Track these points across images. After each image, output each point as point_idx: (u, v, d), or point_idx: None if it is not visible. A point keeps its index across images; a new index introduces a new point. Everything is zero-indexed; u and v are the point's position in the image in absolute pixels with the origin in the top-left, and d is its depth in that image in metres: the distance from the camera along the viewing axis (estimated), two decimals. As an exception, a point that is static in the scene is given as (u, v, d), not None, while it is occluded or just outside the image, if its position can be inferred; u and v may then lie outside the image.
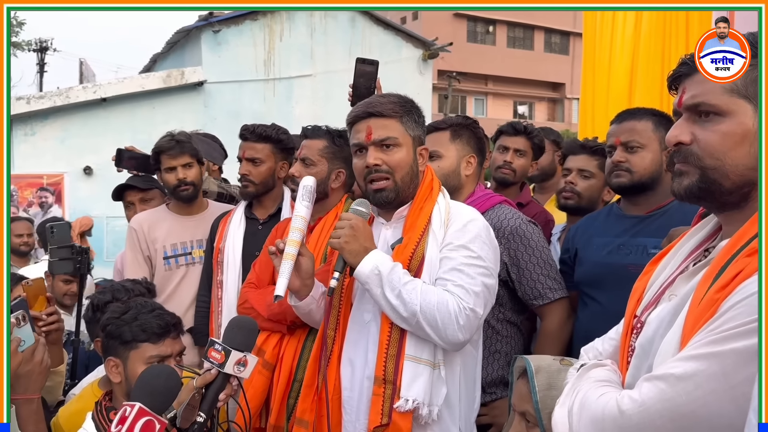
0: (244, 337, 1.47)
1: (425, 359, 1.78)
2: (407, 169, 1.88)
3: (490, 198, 2.38)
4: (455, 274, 1.78)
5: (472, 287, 1.77)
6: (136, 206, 3.31)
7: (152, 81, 8.54)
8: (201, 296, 2.87)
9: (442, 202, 1.91)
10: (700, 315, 0.98)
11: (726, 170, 1.05)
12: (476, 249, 1.82)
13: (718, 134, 1.06)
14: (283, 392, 2.22)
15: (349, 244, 1.78)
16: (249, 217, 2.82)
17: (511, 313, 2.33)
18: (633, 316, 1.20)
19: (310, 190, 1.97)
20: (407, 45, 10.20)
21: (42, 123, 8.10)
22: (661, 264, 1.23)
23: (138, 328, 1.78)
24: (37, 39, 22.07)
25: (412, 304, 1.73)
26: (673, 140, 1.11)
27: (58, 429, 1.94)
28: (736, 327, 0.92)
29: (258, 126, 2.77)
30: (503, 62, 31.18)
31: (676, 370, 0.94)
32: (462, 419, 1.87)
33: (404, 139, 1.88)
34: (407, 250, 1.84)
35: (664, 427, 0.93)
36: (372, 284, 1.76)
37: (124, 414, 1.26)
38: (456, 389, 1.85)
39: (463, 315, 1.73)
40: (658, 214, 2.26)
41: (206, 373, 1.45)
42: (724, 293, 0.97)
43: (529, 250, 2.26)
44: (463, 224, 1.85)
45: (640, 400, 0.95)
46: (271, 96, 9.17)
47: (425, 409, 1.75)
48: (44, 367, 1.76)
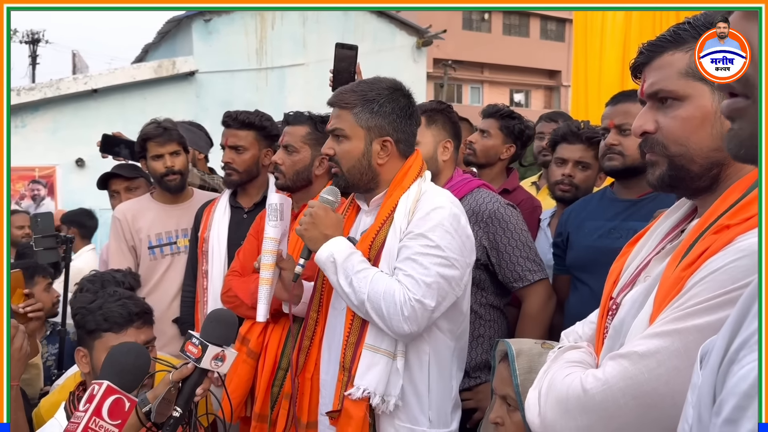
0: (222, 331, 1.43)
1: (384, 349, 1.77)
2: (353, 161, 1.87)
3: (468, 182, 2.37)
4: (408, 263, 1.74)
5: (423, 278, 1.71)
6: (122, 195, 3.28)
7: (143, 71, 8.48)
8: (186, 286, 2.84)
9: (414, 189, 1.85)
10: (667, 293, 0.98)
11: (691, 155, 1.06)
12: (435, 238, 1.74)
13: (679, 120, 1.07)
14: (267, 380, 2.20)
15: (308, 231, 1.83)
16: (234, 205, 2.78)
17: (494, 297, 2.32)
18: (609, 297, 1.19)
19: (275, 208, 2.05)
20: (401, 33, 10.13)
21: (33, 115, 8.05)
22: (637, 245, 1.22)
23: (101, 317, 1.74)
24: (29, 31, 21.93)
25: (361, 293, 1.72)
26: (638, 130, 1.12)
27: (40, 419, 1.93)
28: (699, 303, 0.92)
29: (241, 113, 2.72)
30: (499, 50, 31.05)
31: (639, 347, 0.94)
32: (433, 409, 1.83)
33: (353, 131, 1.86)
34: (368, 238, 1.85)
35: (627, 405, 0.93)
36: (328, 271, 1.79)
37: (92, 392, 1.23)
38: (425, 379, 1.81)
39: (408, 306, 1.68)
40: (649, 198, 2.24)
41: (183, 367, 1.41)
42: (690, 271, 0.97)
43: (507, 233, 2.25)
44: (426, 212, 1.77)
45: (603, 378, 0.95)
46: (264, 85, 9.11)
47: (377, 399, 1.74)
48: (23, 354, 1.76)
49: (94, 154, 8.06)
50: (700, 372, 0.71)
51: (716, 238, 0.96)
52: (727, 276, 0.91)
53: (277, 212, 2.01)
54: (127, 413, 1.25)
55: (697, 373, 0.72)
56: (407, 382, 1.79)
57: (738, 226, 0.95)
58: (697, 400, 0.69)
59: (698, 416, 0.68)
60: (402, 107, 1.88)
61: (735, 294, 0.89)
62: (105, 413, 1.21)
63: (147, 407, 1.39)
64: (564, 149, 2.69)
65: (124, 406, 1.25)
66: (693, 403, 0.70)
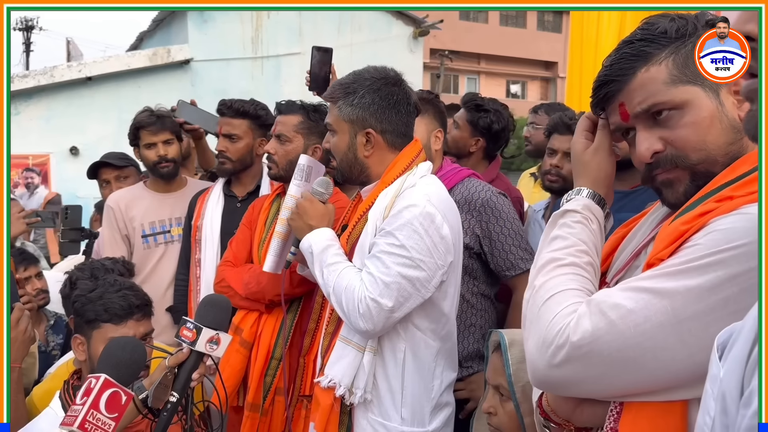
0: (216, 315, 1.43)
1: (355, 342, 1.78)
2: (341, 155, 1.87)
3: (459, 172, 2.37)
4: (372, 260, 1.72)
5: (382, 277, 1.68)
6: (112, 184, 3.26)
7: (138, 59, 8.43)
8: (179, 275, 2.83)
9: (395, 185, 1.80)
10: (662, 244, 0.98)
11: (714, 156, 1.03)
12: (401, 237, 1.69)
13: (689, 126, 1.03)
14: (260, 370, 2.21)
15: (294, 221, 1.91)
16: (227, 194, 2.77)
17: (485, 286, 2.33)
18: (602, 281, 1.18)
19: (302, 168, 2.05)
20: (397, 22, 10.07)
21: (26, 102, 7.99)
22: (632, 231, 1.21)
23: (101, 308, 1.73)
24: (22, 18, 21.74)
25: (328, 285, 1.76)
26: (647, 154, 1.06)
27: (32, 407, 1.92)
28: (690, 262, 0.92)
29: (236, 101, 2.70)
30: (496, 41, 30.98)
31: (627, 302, 0.95)
32: (407, 407, 1.80)
33: (337, 125, 1.86)
34: (346, 232, 1.88)
35: (611, 356, 0.94)
36: (308, 261, 1.84)
37: (89, 386, 1.23)
38: (398, 376, 1.79)
39: (363, 304, 1.67)
40: (641, 189, 2.24)
41: (178, 352, 1.42)
42: (691, 226, 0.96)
43: (500, 221, 2.26)
44: (398, 210, 1.72)
45: (590, 329, 0.96)
46: (259, 74, 9.06)
47: (341, 389, 1.76)
48: (27, 338, 1.78)
49: (88, 143, 8.08)
50: (720, 363, 0.71)
51: (718, 205, 0.95)
52: (722, 236, 0.91)
53: (303, 172, 2.02)
54: (124, 406, 1.25)
55: (717, 364, 0.71)
56: (382, 377, 1.80)
57: (743, 198, 0.94)
58: (720, 392, 0.68)
59: (722, 408, 0.67)
60: (385, 97, 1.83)
61: (726, 255, 0.89)
62: (102, 406, 1.21)
63: (144, 394, 1.40)
64: (555, 140, 2.66)
65: (121, 400, 1.24)
66: (714, 395, 0.70)
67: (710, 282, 0.90)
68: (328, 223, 1.88)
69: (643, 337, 0.93)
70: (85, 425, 1.19)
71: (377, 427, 1.80)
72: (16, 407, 1.71)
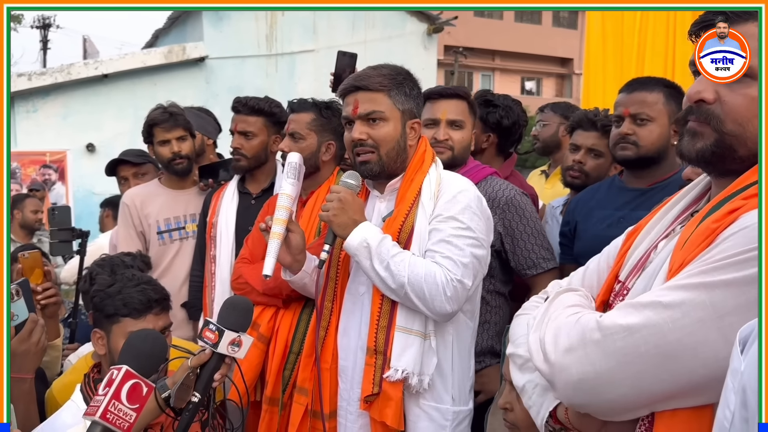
0: (238, 317, 1.46)
1: (416, 330, 1.81)
2: (393, 143, 1.88)
3: (482, 169, 2.39)
4: (444, 245, 1.78)
5: (460, 258, 1.77)
6: (130, 181, 3.30)
7: (154, 57, 8.48)
8: (194, 271, 2.86)
9: (433, 173, 1.90)
10: (692, 246, 0.97)
11: (746, 138, 1.01)
12: (465, 220, 1.80)
13: (748, 98, 1.00)
14: (278, 365, 2.22)
15: (337, 216, 1.81)
16: (242, 191, 2.79)
17: (500, 284, 2.35)
18: (615, 278, 1.18)
19: (294, 167, 2.01)
20: (411, 19, 10.05)
21: (44, 100, 8.08)
22: (645, 228, 1.20)
23: (120, 302, 1.74)
24: (39, 16, 21.94)
25: (400, 276, 1.75)
26: (695, 96, 1.04)
27: (52, 400, 1.95)
28: (727, 258, 0.91)
29: (251, 99, 2.73)
30: (511, 37, 30.81)
31: (663, 298, 0.93)
32: (455, 388, 1.89)
33: (391, 113, 1.87)
34: (397, 222, 1.86)
35: (648, 353, 0.92)
36: (361, 256, 1.80)
37: (111, 377, 1.26)
38: (449, 359, 1.87)
39: (450, 286, 1.74)
40: (659, 187, 2.23)
41: (201, 353, 1.45)
42: (721, 223, 0.95)
43: (523, 220, 2.28)
44: (452, 195, 1.83)
45: (625, 324, 0.93)
46: (274, 72, 9.09)
47: (415, 379, 1.79)
48: (40, 348, 1.78)
49: (104, 140, 8.14)
50: (741, 357, 0.70)
51: (746, 202, 0.95)
52: (756, 232, 0.90)
53: (296, 170, 2.00)
54: (145, 398, 1.27)
55: (738, 358, 0.71)
56: None
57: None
58: (740, 386, 0.68)
59: (742, 402, 0.67)
60: (420, 91, 1.97)
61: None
62: (124, 397, 1.23)
63: (166, 393, 1.42)
64: (578, 135, 2.67)
65: (142, 391, 1.26)
66: (735, 389, 0.70)
67: (751, 276, 0.88)
68: (365, 217, 1.87)
69: (683, 332, 0.90)
70: (107, 415, 1.21)
71: (430, 411, 1.85)
72: (27, 416, 1.72)
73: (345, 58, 2.64)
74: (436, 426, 1.85)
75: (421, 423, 1.85)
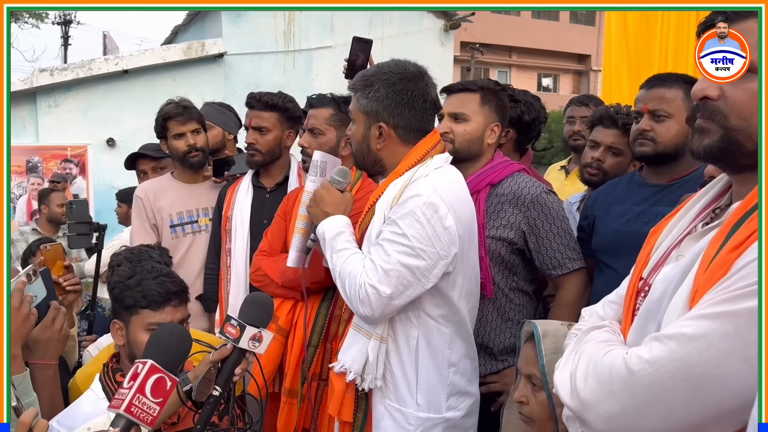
0: (259, 313, 1.49)
1: (365, 330, 1.83)
2: (356, 145, 1.94)
3: (509, 165, 2.30)
4: (375, 248, 1.78)
5: (382, 264, 1.71)
6: (149, 174, 3.34)
7: (173, 53, 8.54)
8: (209, 263, 2.90)
9: (406, 175, 1.83)
10: (712, 275, 0.95)
11: (751, 132, 1.00)
12: (403, 226, 1.72)
13: (750, 93, 1.00)
14: (297, 357, 2.25)
15: (311, 208, 1.96)
16: (256, 185, 2.82)
17: (524, 282, 2.28)
18: (639, 278, 1.18)
19: (317, 165, 2.07)
20: (428, 15, 10.01)
21: (65, 95, 8.17)
22: (668, 226, 1.20)
23: (139, 294, 1.76)
24: (60, 12, 22.15)
25: (335, 270, 1.81)
26: (699, 94, 1.05)
27: (76, 389, 1.99)
28: (750, 285, 0.89)
29: (264, 94, 2.76)
30: (527, 33, 30.60)
31: (687, 329, 0.91)
32: (422, 393, 1.84)
33: (356, 115, 1.92)
34: (356, 221, 1.93)
35: (675, 387, 0.90)
36: (322, 246, 1.90)
37: (136, 370, 1.27)
38: (412, 363, 1.83)
39: (363, 290, 1.72)
40: (678, 183, 2.22)
41: (222, 348, 1.48)
42: (737, 253, 0.94)
43: (549, 219, 2.19)
44: (404, 199, 1.76)
45: (650, 359, 0.92)
46: (291, 68, 9.12)
47: (351, 375, 1.83)
48: (63, 335, 1.81)
49: (125, 135, 8.21)
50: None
51: None
52: None
53: (318, 168, 2.07)
54: (169, 392, 1.28)
55: None
56: (396, 364, 1.84)
57: None
58: None
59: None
60: (399, 92, 1.83)
61: None
62: (148, 391, 1.25)
63: (188, 386, 1.45)
64: (598, 132, 2.63)
65: (166, 385, 1.28)
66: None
67: None
68: (345, 210, 1.92)
69: (709, 364, 0.88)
70: (131, 408, 1.22)
71: (393, 412, 1.84)
72: (51, 402, 1.76)
73: (359, 44, 2.65)
74: (398, 427, 1.84)
75: (384, 422, 1.86)
